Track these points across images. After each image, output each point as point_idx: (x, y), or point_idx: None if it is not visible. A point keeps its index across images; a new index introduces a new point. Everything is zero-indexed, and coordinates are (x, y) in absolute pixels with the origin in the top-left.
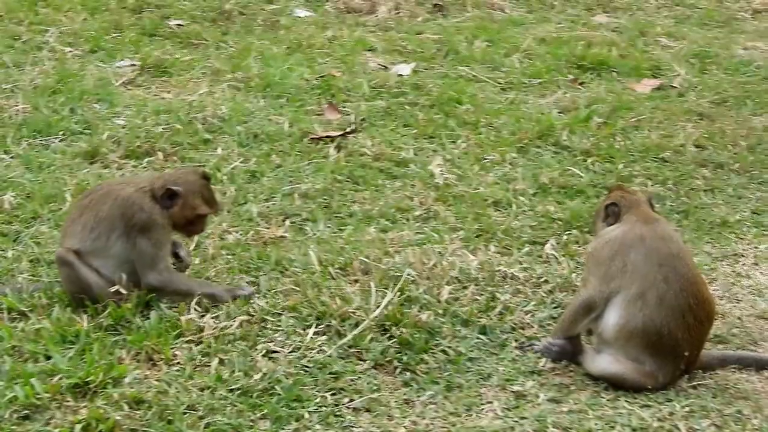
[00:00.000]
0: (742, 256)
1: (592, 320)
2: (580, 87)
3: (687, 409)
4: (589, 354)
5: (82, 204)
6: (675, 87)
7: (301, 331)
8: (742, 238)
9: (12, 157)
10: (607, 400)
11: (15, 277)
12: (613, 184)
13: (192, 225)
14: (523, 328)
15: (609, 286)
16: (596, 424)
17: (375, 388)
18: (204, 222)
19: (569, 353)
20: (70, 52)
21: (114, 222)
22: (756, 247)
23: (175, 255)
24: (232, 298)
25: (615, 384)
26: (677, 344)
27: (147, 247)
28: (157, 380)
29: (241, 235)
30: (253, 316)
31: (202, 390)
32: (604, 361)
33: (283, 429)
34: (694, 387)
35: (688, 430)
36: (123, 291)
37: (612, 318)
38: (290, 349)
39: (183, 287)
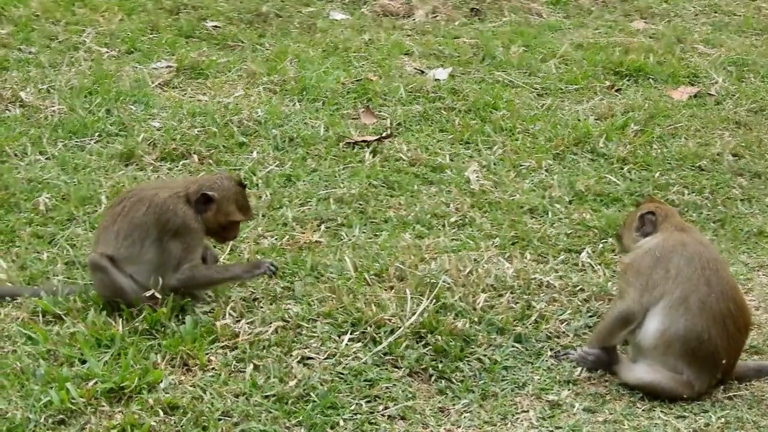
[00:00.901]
0: None
1: (630, 331)
2: (616, 93)
3: (723, 420)
4: (625, 363)
5: (116, 211)
6: (712, 95)
7: (336, 338)
8: None
9: (47, 159)
10: (643, 410)
11: (50, 280)
12: (644, 197)
13: (225, 231)
14: (558, 337)
15: (651, 295)
16: None
17: (410, 395)
18: (237, 228)
19: (605, 363)
20: (107, 52)
21: (148, 228)
22: None
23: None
24: (252, 276)
25: (650, 393)
26: (716, 351)
27: (177, 250)
28: (191, 386)
29: (276, 239)
30: (288, 321)
31: (236, 396)
32: (640, 371)
33: None
34: (730, 398)
35: None
36: (158, 295)
37: (653, 325)
38: (325, 356)
39: (203, 279)
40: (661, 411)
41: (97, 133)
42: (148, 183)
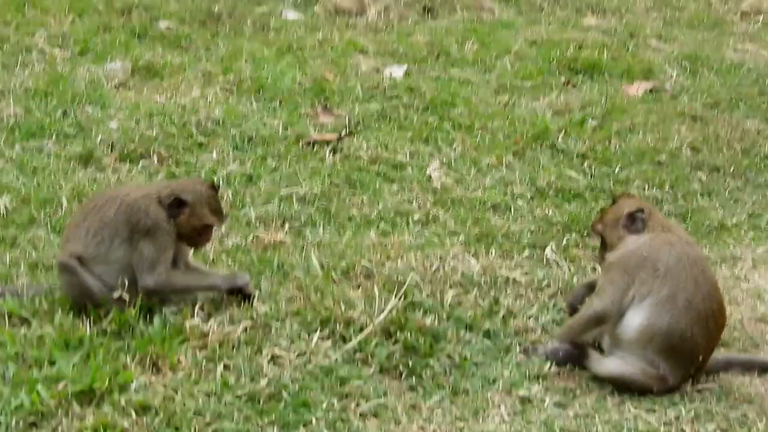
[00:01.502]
0: (741, 259)
1: (606, 327)
2: (572, 89)
3: (692, 413)
4: (595, 357)
5: (87, 209)
6: (667, 90)
7: (306, 336)
8: (740, 242)
9: (6, 161)
10: (613, 404)
11: (14, 283)
12: (619, 193)
13: (198, 235)
14: (527, 332)
15: (637, 292)
16: (603, 429)
17: (381, 393)
18: (210, 232)
19: (575, 357)
20: (60, 54)
21: (118, 227)
22: (754, 250)
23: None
24: (230, 287)
25: (621, 386)
26: (696, 349)
27: (148, 251)
28: (163, 386)
29: (240, 239)
30: (256, 321)
31: (208, 396)
32: (611, 363)
33: None
34: (699, 391)
35: None
36: (125, 297)
37: (636, 320)
38: (295, 354)
39: (180, 285)
40: (632, 404)
41: (54, 135)
42: (122, 186)
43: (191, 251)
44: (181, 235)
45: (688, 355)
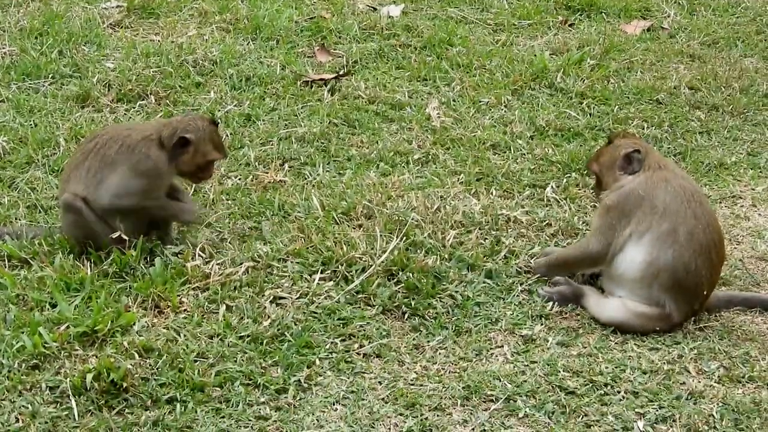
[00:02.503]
0: (740, 197)
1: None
2: (570, 28)
3: (695, 351)
4: (594, 298)
5: (87, 148)
6: (665, 28)
7: (308, 277)
8: (739, 180)
9: (2, 101)
10: (616, 343)
11: (13, 223)
12: (615, 132)
13: (201, 171)
14: (528, 272)
15: (633, 229)
16: (606, 368)
17: (384, 333)
18: (212, 168)
19: (570, 298)
20: None
21: (118, 167)
22: (753, 189)
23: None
24: (183, 220)
25: (623, 330)
26: (700, 282)
27: (136, 187)
28: (165, 328)
29: (240, 179)
30: (258, 261)
31: (211, 337)
32: (611, 309)
33: (294, 375)
34: (701, 329)
35: (697, 372)
36: (125, 237)
37: (639, 256)
38: (298, 295)
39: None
40: (635, 344)
41: (51, 75)
42: (121, 124)
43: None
44: (184, 172)
45: (693, 289)
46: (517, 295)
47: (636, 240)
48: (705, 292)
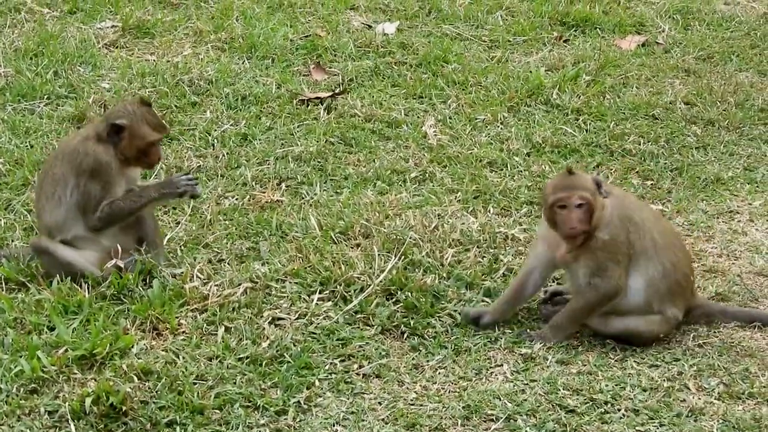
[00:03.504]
0: (737, 213)
1: None
2: (565, 44)
3: (695, 368)
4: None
5: (40, 177)
6: (660, 43)
7: (306, 297)
8: (736, 195)
9: None
10: (615, 360)
11: (9, 246)
12: (560, 171)
13: (146, 156)
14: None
15: (632, 259)
16: (606, 385)
17: (384, 353)
18: (157, 150)
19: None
20: (49, 13)
21: (66, 177)
22: (750, 204)
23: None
24: (170, 195)
25: (634, 341)
26: (687, 270)
27: (95, 191)
28: (164, 350)
29: (237, 199)
30: (256, 282)
31: (210, 359)
32: (619, 321)
33: (294, 397)
34: (701, 345)
35: (697, 389)
36: (120, 264)
37: (640, 282)
38: (296, 316)
39: (122, 212)
40: (634, 361)
41: (46, 96)
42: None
43: (138, 177)
44: (128, 159)
45: (684, 281)
46: (516, 314)
47: (633, 265)
48: (692, 276)
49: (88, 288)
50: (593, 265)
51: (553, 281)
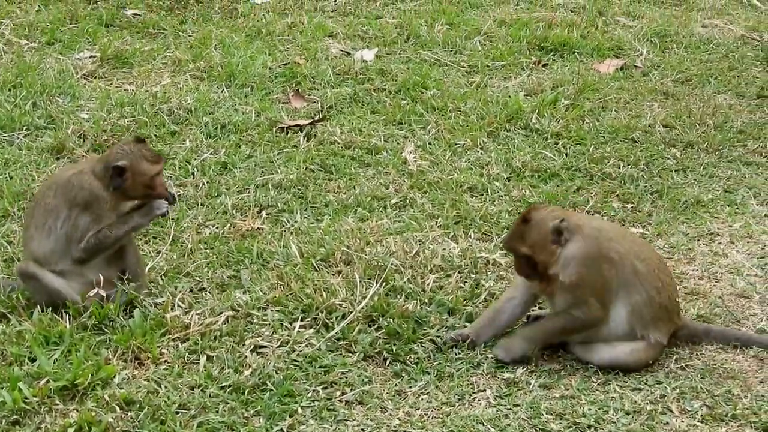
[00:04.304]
0: (718, 235)
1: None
2: (543, 69)
3: (678, 390)
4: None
5: (30, 207)
6: (638, 67)
7: (288, 325)
8: (716, 217)
9: None
10: (598, 384)
11: None
12: (526, 208)
13: (152, 189)
14: None
15: (612, 292)
16: (589, 409)
17: (366, 380)
18: (161, 180)
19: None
20: (27, 44)
21: (59, 209)
22: (730, 226)
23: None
24: (152, 218)
25: (622, 368)
26: (671, 294)
27: (84, 222)
28: (146, 380)
29: (217, 228)
30: (238, 310)
31: (192, 388)
32: (606, 351)
33: (277, 425)
34: (683, 368)
35: (680, 411)
36: (102, 293)
37: (622, 312)
38: (278, 344)
39: (108, 241)
40: (617, 384)
41: (25, 127)
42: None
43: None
44: (137, 197)
45: (669, 305)
46: (499, 338)
47: (614, 295)
48: (677, 299)
49: (69, 318)
50: (570, 299)
51: (537, 306)
